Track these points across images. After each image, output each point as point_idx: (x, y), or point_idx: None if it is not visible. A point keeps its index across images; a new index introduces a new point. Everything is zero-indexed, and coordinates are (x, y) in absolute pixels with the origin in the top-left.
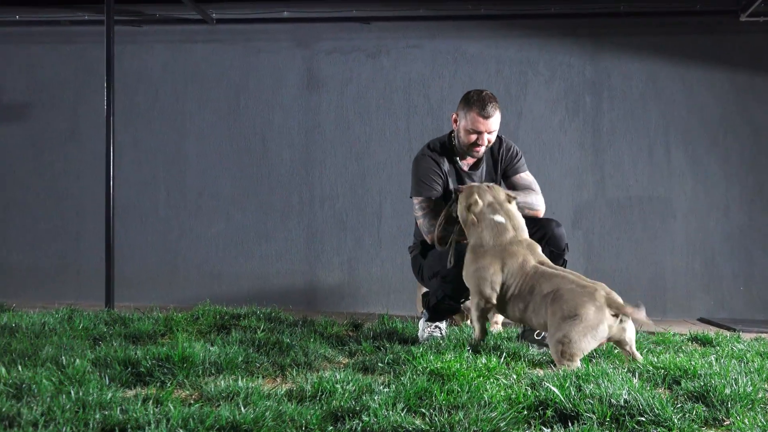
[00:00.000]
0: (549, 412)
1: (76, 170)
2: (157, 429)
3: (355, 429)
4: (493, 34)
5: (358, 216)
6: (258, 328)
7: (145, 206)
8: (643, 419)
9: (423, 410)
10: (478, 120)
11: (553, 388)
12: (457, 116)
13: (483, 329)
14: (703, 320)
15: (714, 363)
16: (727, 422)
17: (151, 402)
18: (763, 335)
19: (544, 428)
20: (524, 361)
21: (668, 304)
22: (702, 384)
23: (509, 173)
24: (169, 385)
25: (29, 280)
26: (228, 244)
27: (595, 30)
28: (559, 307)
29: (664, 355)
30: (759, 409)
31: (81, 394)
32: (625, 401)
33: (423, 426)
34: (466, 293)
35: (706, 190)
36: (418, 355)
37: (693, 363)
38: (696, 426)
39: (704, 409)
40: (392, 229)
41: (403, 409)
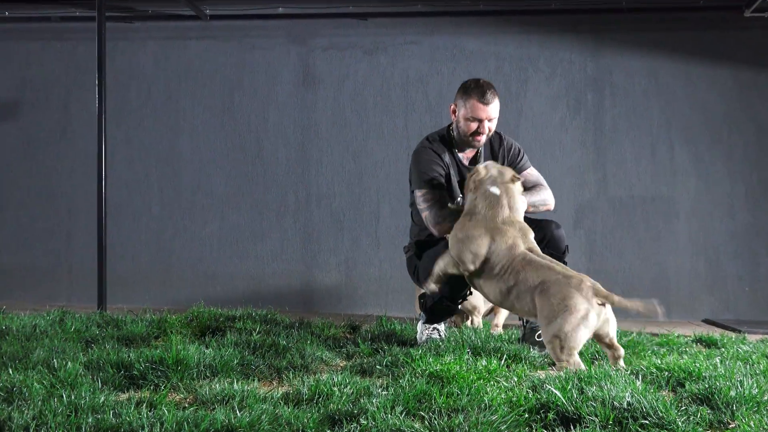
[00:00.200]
0: (551, 415)
1: (67, 168)
2: None
3: None
4: (493, 30)
5: (356, 215)
6: (254, 330)
7: (137, 205)
8: (647, 422)
9: (422, 413)
10: (478, 107)
11: (555, 391)
12: (455, 106)
13: (438, 280)
14: (707, 321)
15: (719, 365)
16: (732, 425)
17: (144, 406)
18: None
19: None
20: (525, 363)
21: (672, 305)
22: (707, 386)
23: None
24: (163, 388)
25: (20, 280)
26: (222, 244)
27: (596, 26)
28: (547, 301)
29: (668, 357)
30: (765, 412)
31: (73, 397)
32: (629, 404)
33: (422, 429)
34: (462, 294)
35: (709, 189)
36: (417, 357)
37: (697, 365)
38: (700, 429)
39: (709, 411)
40: (390, 228)
41: (402, 413)
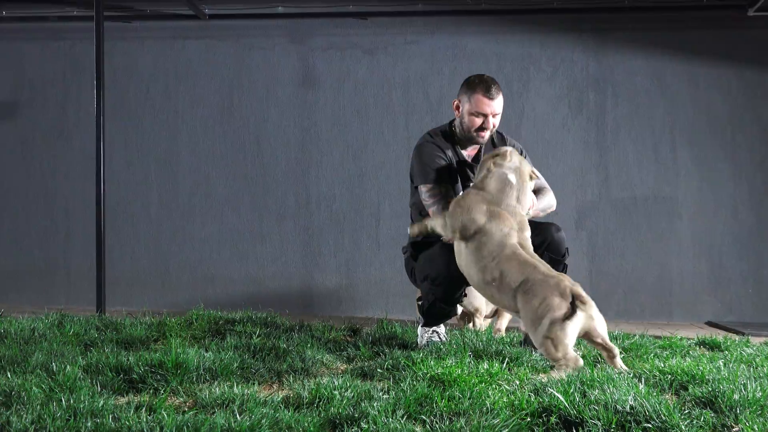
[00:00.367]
0: (553, 419)
1: (65, 170)
2: None
3: None
4: (494, 29)
5: (356, 217)
6: (253, 333)
7: (136, 207)
8: (650, 426)
9: (423, 417)
10: (483, 101)
11: (557, 394)
12: (459, 102)
13: (422, 232)
14: (710, 324)
15: (722, 368)
16: (735, 428)
17: (144, 409)
18: None
19: None
20: (527, 366)
21: (675, 307)
22: (710, 389)
23: None
24: (162, 392)
25: (17, 283)
26: (222, 246)
27: (598, 25)
28: (529, 304)
29: (671, 360)
30: None
31: (72, 401)
32: (631, 407)
33: None
34: (457, 296)
35: (713, 190)
36: (418, 360)
37: (701, 368)
38: None
39: (712, 415)
40: (391, 230)
41: (403, 416)
